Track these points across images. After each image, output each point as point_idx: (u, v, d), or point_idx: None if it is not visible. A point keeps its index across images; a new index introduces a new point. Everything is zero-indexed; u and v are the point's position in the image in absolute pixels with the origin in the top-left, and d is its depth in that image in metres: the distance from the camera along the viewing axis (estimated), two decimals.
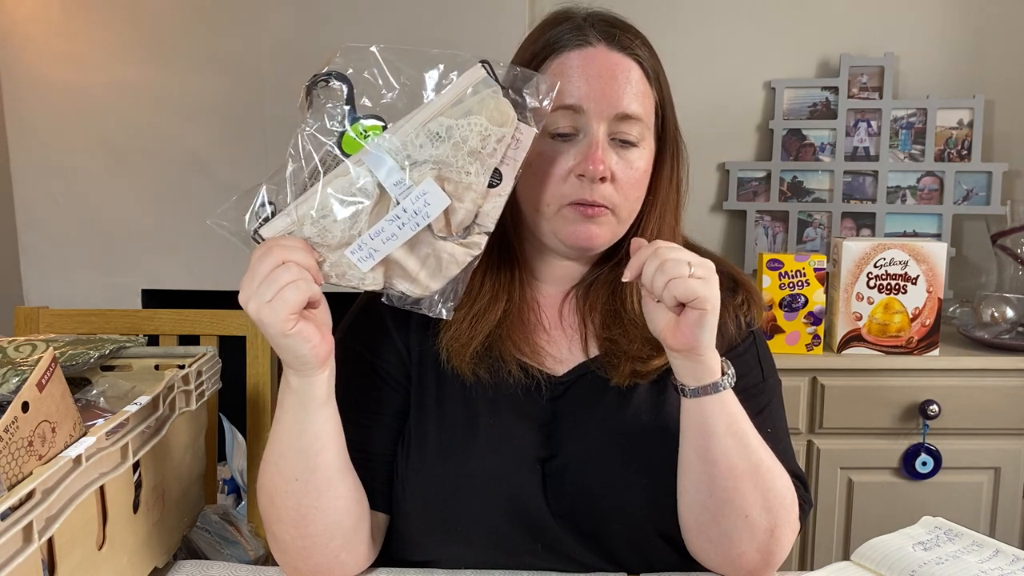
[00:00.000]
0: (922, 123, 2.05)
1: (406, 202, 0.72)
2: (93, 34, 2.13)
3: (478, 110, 0.72)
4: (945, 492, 1.73)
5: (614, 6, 0.92)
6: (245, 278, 0.72)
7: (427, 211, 0.73)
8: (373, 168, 0.72)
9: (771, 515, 0.80)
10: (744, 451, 0.79)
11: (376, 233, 0.73)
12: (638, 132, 0.85)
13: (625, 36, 0.86)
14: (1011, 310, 1.81)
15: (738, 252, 2.14)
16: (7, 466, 0.64)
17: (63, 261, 2.22)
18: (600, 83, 0.83)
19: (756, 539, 0.81)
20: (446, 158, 0.72)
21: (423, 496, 0.88)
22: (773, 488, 0.81)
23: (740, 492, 0.79)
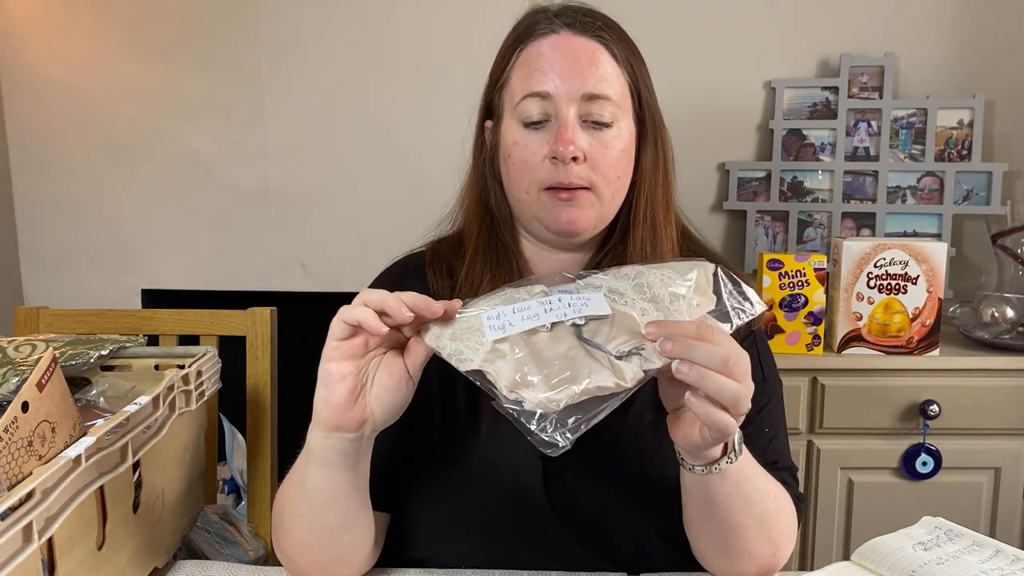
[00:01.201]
0: (922, 123, 2.05)
1: (565, 296, 0.67)
2: (93, 34, 2.13)
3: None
4: (945, 492, 1.73)
5: (614, 6, 0.92)
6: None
7: (581, 306, 0.67)
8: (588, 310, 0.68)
9: (774, 544, 0.82)
10: (748, 508, 0.78)
11: (520, 309, 0.67)
12: (610, 112, 0.85)
13: (590, 20, 0.87)
14: (1011, 310, 1.81)
15: (738, 252, 2.14)
16: (7, 466, 0.64)
17: (63, 261, 2.22)
18: (566, 66, 0.84)
19: (760, 563, 0.82)
20: (622, 289, 0.69)
21: (425, 491, 0.88)
22: (777, 524, 0.82)
23: (744, 539, 0.80)
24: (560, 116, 0.84)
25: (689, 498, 0.80)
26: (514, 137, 0.86)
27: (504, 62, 0.89)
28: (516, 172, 0.86)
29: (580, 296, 0.68)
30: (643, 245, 0.89)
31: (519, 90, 0.86)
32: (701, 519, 0.81)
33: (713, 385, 0.65)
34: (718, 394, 0.65)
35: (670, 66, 2.10)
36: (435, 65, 2.06)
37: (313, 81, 2.12)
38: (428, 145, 2.04)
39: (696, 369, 0.65)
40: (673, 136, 0.94)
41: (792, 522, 0.85)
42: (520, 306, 0.67)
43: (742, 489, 0.77)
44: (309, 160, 2.15)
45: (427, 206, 0.99)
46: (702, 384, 0.65)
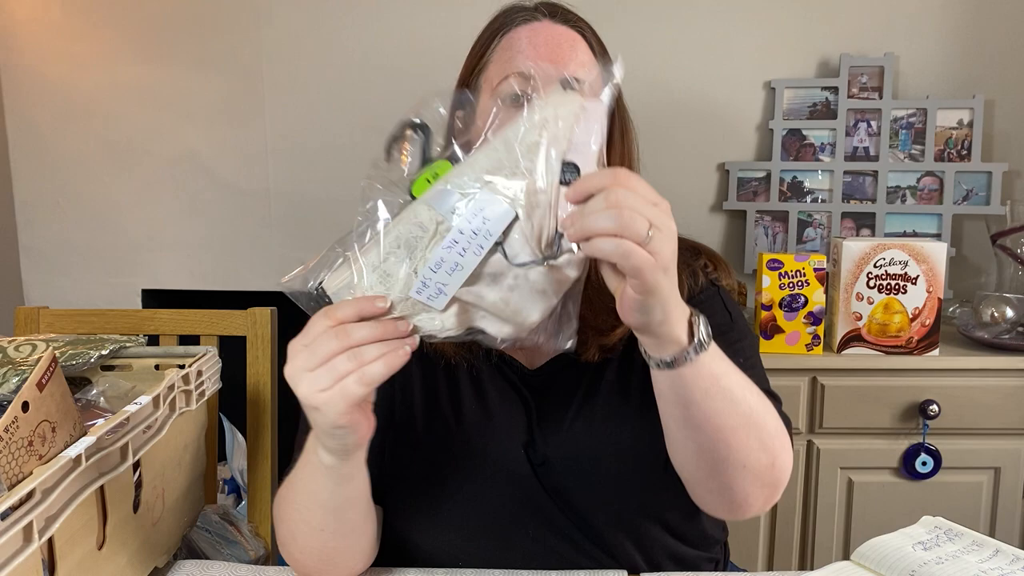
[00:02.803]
0: (922, 123, 2.05)
1: (461, 222, 0.61)
2: (93, 34, 2.13)
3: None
4: (945, 492, 1.73)
5: (615, 6, 0.92)
6: (299, 350, 0.66)
7: (488, 228, 0.62)
8: (437, 206, 0.63)
9: (769, 452, 0.77)
10: (731, 407, 0.73)
11: (437, 265, 0.62)
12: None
13: (570, 13, 0.90)
14: (1011, 310, 1.81)
15: (738, 252, 2.14)
16: (7, 466, 0.64)
17: (63, 261, 2.22)
18: (547, 50, 0.86)
19: (759, 478, 0.78)
20: (499, 161, 0.62)
21: (415, 484, 0.89)
22: (766, 427, 0.77)
23: (734, 446, 0.75)
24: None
25: (667, 408, 0.75)
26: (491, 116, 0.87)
27: (483, 49, 0.90)
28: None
29: (473, 211, 0.62)
30: None
31: (498, 72, 0.87)
32: (684, 431, 0.75)
33: (597, 221, 0.60)
34: (604, 226, 0.60)
35: (670, 66, 2.10)
36: (435, 65, 2.06)
37: (313, 81, 2.12)
38: None
39: (577, 223, 0.61)
40: (673, 136, 0.95)
41: (784, 433, 0.81)
42: (434, 262, 0.62)
43: (720, 384, 0.72)
44: (309, 160, 2.15)
45: None
46: (587, 228, 0.61)
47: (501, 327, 0.66)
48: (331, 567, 0.84)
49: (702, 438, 0.75)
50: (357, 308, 0.65)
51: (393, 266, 0.65)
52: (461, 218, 0.62)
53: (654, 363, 0.71)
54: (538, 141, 0.62)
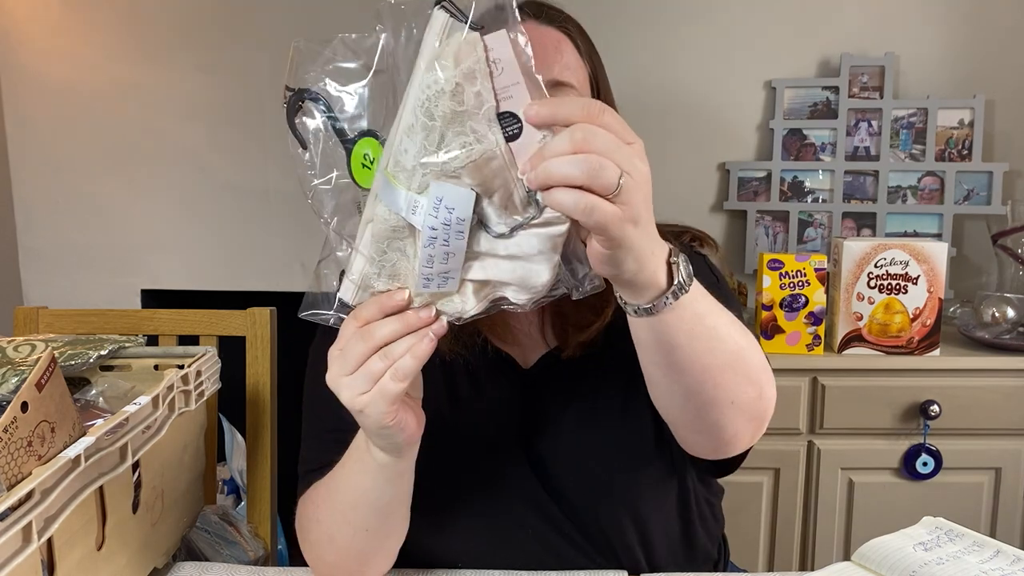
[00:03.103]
0: (923, 123, 2.05)
1: (428, 219, 0.58)
2: (93, 34, 2.13)
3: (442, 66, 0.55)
4: (946, 492, 1.73)
5: (616, 6, 0.92)
6: (335, 357, 0.66)
7: (456, 215, 0.57)
8: (390, 205, 0.59)
9: (755, 384, 0.74)
10: (718, 345, 0.69)
11: (428, 261, 0.60)
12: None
13: (554, 12, 0.88)
14: (1012, 310, 1.81)
15: (739, 252, 2.13)
16: (6, 466, 0.64)
17: (63, 261, 2.22)
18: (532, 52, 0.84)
19: (747, 412, 0.75)
20: (428, 149, 0.56)
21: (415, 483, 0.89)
22: (751, 361, 0.73)
23: (722, 385, 0.71)
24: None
25: (648, 355, 0.70)
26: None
27: None
28: None
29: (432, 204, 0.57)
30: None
31: None
32: (669, 375, 0.71)
33: (560, 167, 0.54)
34: (567, 175, 0.54)
35: (670, 66, 2.10)
36: None
37: None
38: None
39: (538, 169, 0.55)
40: (673, 136, 0.94)
41: (767, 365, 0.77)
42: (424, 259, 0.59)
43: (705, 323, 0.67)
44: None
45: None
46: (548, 176, 0.55)
47: (518, 294, 0.62)
48: (364, 568, 0.84)
49: (689, 380, 0.70)
50: (379, 305, 0.64)
51: (396, 265, 0.63)
52: (425, 215, 0.57)
53: (631, 310, 0.66)
54: (457, 109, 0.55)
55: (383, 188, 0.59)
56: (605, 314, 0.85)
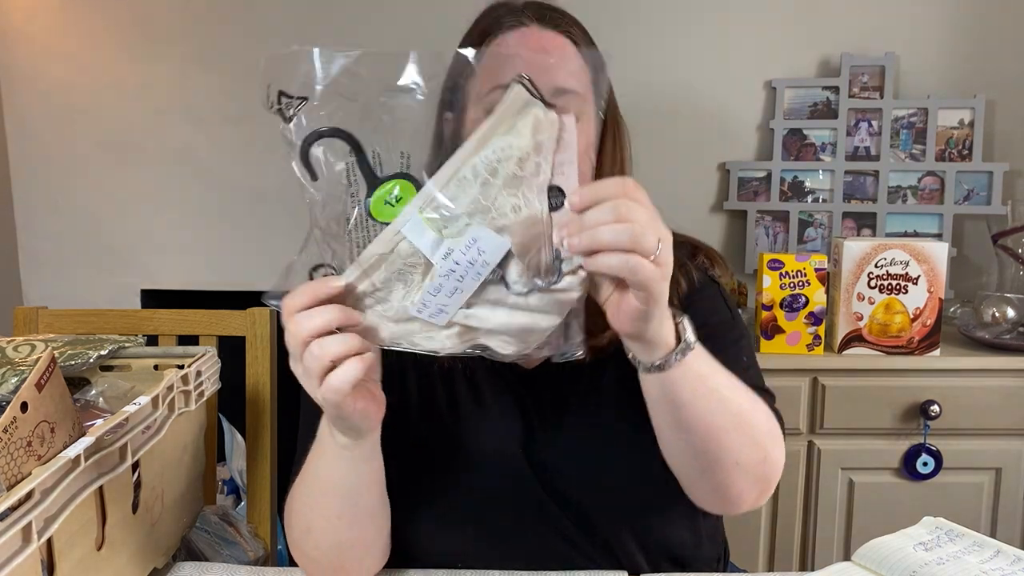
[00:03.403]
0: (923, 123, 2.05)
1: (456, 254, 0.62)
2: (93, 34, 2.13)
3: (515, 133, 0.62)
4: (946, 492, 1.73)
5: (616, 6, 0.92)
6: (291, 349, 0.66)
7: (484, 259, 0.62)
8: (413, 239, 0.62)
9: (760, 447, 0.78)
10: (721, 407, 0.75)
11: (436, 289, 0.63)
12: (577, 106, 0.84)
13: (559, 17, 0.88)
14: (1012, 310, 1.81)
15: (739, 252, 2.13)
16: (6, 466, 0.64)
17: (62, 261, 2.22)
18: (535, 59, 0.84)
19: (752, 474, 0.79)
20: (480, 203, 0.62)
21: (409, 482, 0.88)
22: (756, 424, 0.78)
23: (725, 445, 0.76)
24: None
25: (657, 412, 0.76)
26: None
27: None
28: None
29: (467, 244, 0.62)
30: None
31: (487, 81, 0.85)
32: (676, 433, 0.76)
33: (608, 235, 0.61)
34: (616, 241, 0.61)
35: (671, 66, 2.10)
36: None
37: None
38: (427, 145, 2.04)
39: (585, 236, 0.62)
40: (673, 136, 0.94)
41: (775, 428, 0.81)
42: (432, 287, 0.63)
43: (708, 383, 0.73)
44: None
45: None
46: (596, 242, 0.62)
47: (506, 345, 0.66)
48: (346, 562, 0.83)
49: (694, 439, 0.75)
50: (312, 293, 0.65)
51: (392, 293, 0.65)
52: (456, 250, 0.62)
53: (644, 368, 0.72)
54: (518, 174, 0.61)
55: (413, 227, 0.63)
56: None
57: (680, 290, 0.88)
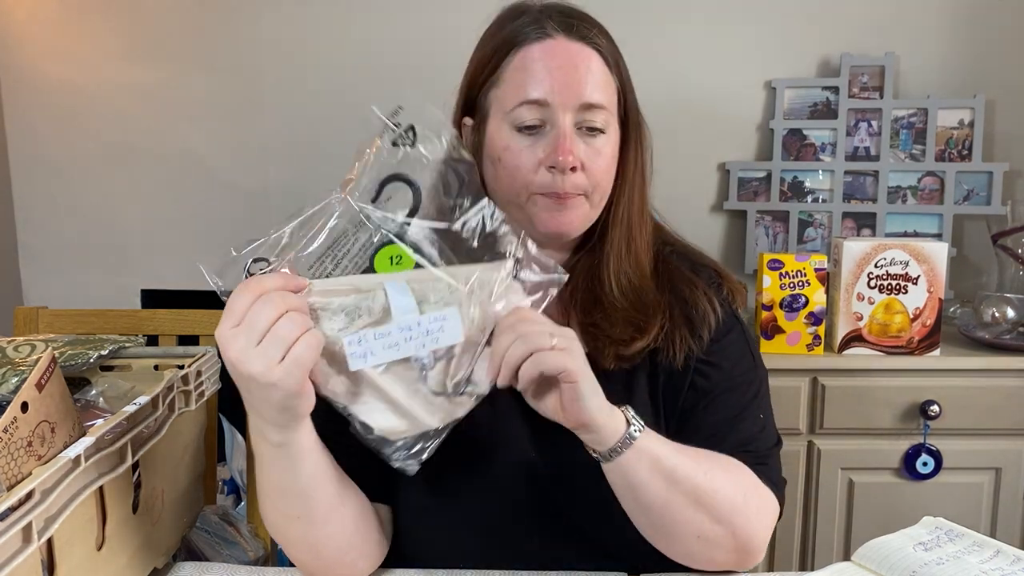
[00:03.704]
0: (923, 123, 2.05)
1: (423, 320, 0.70)
2: (93, 34, 2.13)
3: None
4: (946, 492, 1.73)
5: (617, 6, 0.92)
6: (231, 329, 0.65)
7: (439, 336, 0.71)
8: (392, 296, 0.70)
9: (724, 524, 0.81)
10: (674, 487, 0.78)
11: (381, 335, 0.69)
12: (603, 119, 0.86)
13: (583, 26, 0.87)
14: (1012, 310, 1.81)
15: (738, 252, 2.13)
16: (6, 466, 0.64)
17: (63, 261, 2.22)
18: (563, 74, 0.84)
19: (720, 546, 0.82)
20: (460, 297, 0.72)
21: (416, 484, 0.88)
22: (717, 501, 0.80)
23: (682, 521, 0.80)
24: (558, 125, 0.84)
25: (621, 494, 0.80)
26: (505, 142, 0.86)
27: (493, 62, 0.88)
28: (507, 177, 0.86)
29: (437, 317, 0.71)
30: (619, 243, 0.91)
31: (513, 96, 0.85)
32: (638, 512, 0.80)
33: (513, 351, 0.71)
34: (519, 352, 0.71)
35: (671, 66, 2.10)
36: (435, 65, 2.05)
37: (313, 81, 2.12)
38: None
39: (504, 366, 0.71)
40: (673, 136, 0.95)
41: (745, 503, 0.83)
42: (380, 332, 0.69)
43: (662, 465, 0.77)
44: (309, 160, 2.14)
45: None
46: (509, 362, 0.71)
47: (382, 418, 0.71)
48: (323, 561, 0.82)
49: (653, 516, 0.80)
50: (284, 279, 0.68)
51: (330, 318, 0.70)
52: (425, 315, 0.71)
53: (603, 457, 0.77)
54: (486, 312, 0.72)
55: (396, 287, 0.71)
56: (649, 334, 0.86)
57: (709, 326, 0.89)
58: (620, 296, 0.88)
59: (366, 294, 0.70)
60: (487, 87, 0.89)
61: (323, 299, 0.70)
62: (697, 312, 0.89)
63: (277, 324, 0.64)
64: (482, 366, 0.73)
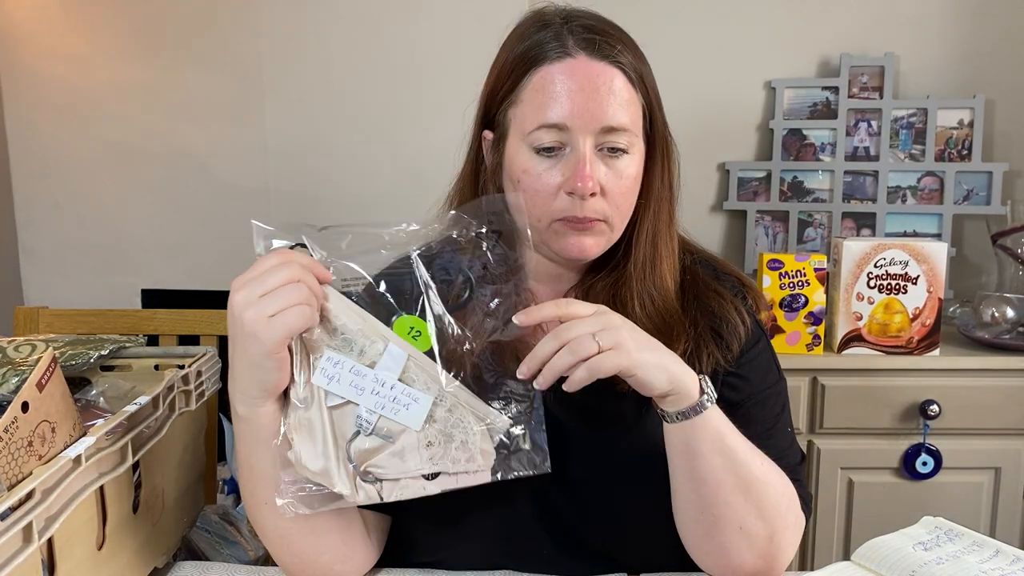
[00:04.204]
0: (922, 123, 2.05)
1: (398, 387, 0.72)
2: (93, 34, 2.13)
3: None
4: (945, 492, 1.73)
5: (617, 6, 0.91)
6: (246, 279, 0.70)
7: (399, 411, 0.72)
8: (386, 358, 0.72)
9: (767, 523, 0.80)
10: (732, 466, 0.78)
11: (356, 372, 0.72)
12: (626, 140, 0.84)
13: (606, 43, 0.84)
14: (1011, 310, 1.81)
15: (738, 252, 2.13)
16: (7, 466, 0.64)
17: (63, 261, 2.22)
18: (583, 97, 0.81)
19: (755, 547, 0.80)
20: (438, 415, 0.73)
21: None
22: (767, 496, 0.80)
23: (731, 506, 0.78)
24: (577, 149, 0.82)
25: (677, 461, 0.79)
26: (524, 164, 0.84)
27: (512, 79, 0.85)
28: (527, 201, 0.84)
29: (411, 394, 0.72)
30: (644, 263, 0.89)
31: (532, 118, 0.83)
32: (690, 484, 0.79)
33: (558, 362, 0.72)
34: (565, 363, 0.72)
35: (670, 66, 2.09)
36: (436, 65, 2.06)
37: (313, 81, 2.12)
38: (428, 145, 2.04)
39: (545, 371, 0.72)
40: (673, 136, 0.94)
41: (791, 511, 0.83)
42: (359, 369, 0.72)
43: (725, 441, 0.77)
44: (309, 160, 2.14)
45: (427, 207, 0.99)
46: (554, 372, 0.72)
47: (308, 450, 0.72)
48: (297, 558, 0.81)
49: (705, 491, 0.78)
50: (312, 264, 0.72)
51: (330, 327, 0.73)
52: (402, 385, 0.72)
53: (670, 417, 0.77)
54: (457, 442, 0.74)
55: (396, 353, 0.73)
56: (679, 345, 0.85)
57: (739, 338, 0.88)
58: (644, 318, 0.86)
59: (370, 337, 0.73)
60: (506, 104, 0.86)
61: (335, 308, 0.72)
62: (727, 325, 0.88)
63: (284, 287, 0.68)
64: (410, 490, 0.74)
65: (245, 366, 0.72)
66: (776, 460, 0.84)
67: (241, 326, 0.69)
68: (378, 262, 0.77)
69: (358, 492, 0.72)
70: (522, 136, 0.84)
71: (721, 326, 0.88)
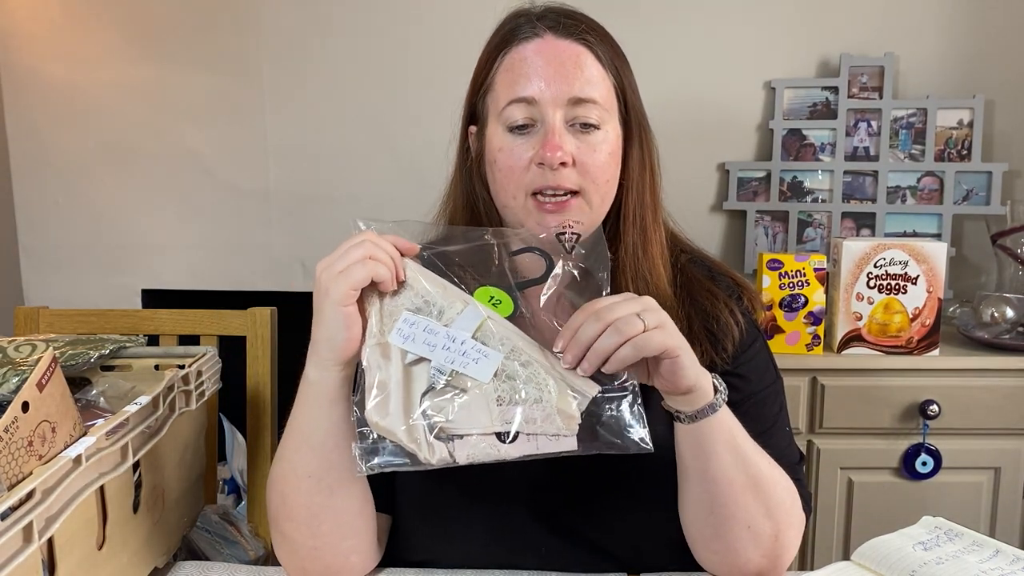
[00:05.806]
0: (922, 123, 2.05)
1: (469, 342, 0.72)
2: (93, 34, 2.13)
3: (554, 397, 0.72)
4: (945, 492, 1.73)
5: (617, 6, 0.92)
6: (333, 256, 0.73)
7: (468, 364, 0.72)
8: (464, 318, 0.73)
9: (774, 521, 0.81)
10: (743, 465, 0.78)
11: (429, 330, 0.73)
12: (597, 115, 0.85)
13: (573, 23, 0.87)
14: (1011, 310, 1.81)
15: (738, 252, 2.14)
16: (7, 466, 0.64)
17: (63, 261, 2.22)
18: (550, 70, 0.84)
19: (761, 546, 0.81)
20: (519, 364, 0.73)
21: (421, 492, 0.88)
22: (774, 495, 0.81)
23: (741, 505, 0.79)
24: (547, 121, 0.84)
25: (688, 461, 0.80)
26: (499, 143, 0.86)
27: (487, 67, 0.88)
28: (502, 178, 0.86)
29: (481, 349, 0.72)
30: (634, 249, 0.89)
31: (504, 96, 0.85)
32: (700, 484, 0.79)
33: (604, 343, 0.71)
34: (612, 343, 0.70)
35: (670, 66, 2.10)
36: (435, 65, 2.06)
37: (313, 81, 2.12)
38: (428, 145, 2.04)
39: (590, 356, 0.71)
40: (673, 136, 0.94)
41: (795, 511, 0.84)
42: (432, 327, 0.73)
43: (736, 441, 0.78)
44: (309, 160, 2.15)
45: (427, 206, 0.99)
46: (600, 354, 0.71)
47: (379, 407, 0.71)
48: (319, 540, 0.81)
49: (716, 490, 0.79)
50: (395, 239, 0.75)
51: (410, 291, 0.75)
52: (474, 341, 0.73)
53: (685, 418, 0.77)
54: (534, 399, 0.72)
55: (475, 313, 0.74)
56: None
57: (732, 338, 0.89)
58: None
59: (451, 300, 0.74)
60: (483, 92, 0.89)
61: (416, 276, 0.75)
62: (719, 325, 0.89)
63: (352, 249, 0.72)
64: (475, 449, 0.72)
65: (319, 324, 0.74)
66: (776, 459, 0.85)
67: (317, 286, 0.73)
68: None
69: (432, 449, 0.71)
70: (497, 116, 0.86)
71: (714, 325, 0.89)
